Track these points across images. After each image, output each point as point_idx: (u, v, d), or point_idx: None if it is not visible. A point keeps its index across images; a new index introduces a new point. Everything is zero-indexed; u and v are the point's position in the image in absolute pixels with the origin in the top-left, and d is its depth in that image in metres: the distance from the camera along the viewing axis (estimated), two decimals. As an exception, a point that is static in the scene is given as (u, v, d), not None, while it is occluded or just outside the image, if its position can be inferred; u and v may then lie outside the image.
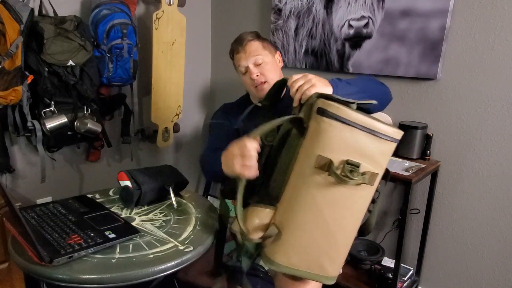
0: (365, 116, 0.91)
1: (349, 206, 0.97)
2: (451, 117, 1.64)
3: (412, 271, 1.79)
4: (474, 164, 1.62)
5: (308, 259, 1.00)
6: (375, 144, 0.92)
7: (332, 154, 0.92)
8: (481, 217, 1.63)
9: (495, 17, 1.49)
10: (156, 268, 0.98)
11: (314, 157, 0.93)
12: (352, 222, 1.01)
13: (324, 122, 0.92)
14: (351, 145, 0.92)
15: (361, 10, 1.76)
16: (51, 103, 1.63)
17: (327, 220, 0.97)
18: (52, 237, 1.04)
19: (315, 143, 0.94)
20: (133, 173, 1.31)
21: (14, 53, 1.45)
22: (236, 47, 1.45)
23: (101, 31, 1.70)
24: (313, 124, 0.95)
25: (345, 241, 1.02)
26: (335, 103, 0.91)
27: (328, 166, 0.92)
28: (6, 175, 1.72)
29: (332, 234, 0.99)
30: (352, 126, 0.90)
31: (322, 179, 0.94)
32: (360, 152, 0.92)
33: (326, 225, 0.98)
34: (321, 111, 0.92)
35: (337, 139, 0.92)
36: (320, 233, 0.98)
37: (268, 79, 1.43)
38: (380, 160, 0.94)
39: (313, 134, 0.95)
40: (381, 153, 0.94)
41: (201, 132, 2.57)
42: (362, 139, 0.91)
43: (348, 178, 0.91)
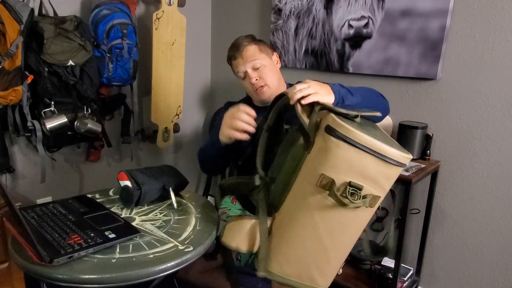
0: (375, 139, 0.88)
1: (346, 227, 0.97)
2: (451, 117, 1.64)
3: (412, 271, 1.79)
4: (474, 164, 1.62)
5: (300, 270, 1.01)
6: (381, 168, 0.90)
7: (336, 174, 0.90)
8: (481, 217, 1.63)
9: (495, 17, 1.49)
10: (156, 268, 0.98)
11: (317, 175, 0.92)
12: (347, 241, 1.01)
13: (331, 142, 0.89)
14: (356, 167, 0.90)
15: (361, 10, 1.76)
16: (51, 103, 1.63)
17: (322, 237, 0.97)
18: (52, 237, 1.04)
19: (319, 161, 0.92)
20: (133, 173, 1.31)
21: (14, 53, 1.45)
22: (233, 53, 1.46)
23: (101, 31, 1.70)
24: (319, 141, 0.93)
25: (338, 257, 1.03)
26: (345, 123, 0.89)
27: (330, 186, 0.90)
28: (6, 175, 1.72)
29: (325, 250, 0.99)
30: (360, 149, 0.88)
31: (322, 198, 0.93)
32: (365, 175, 0.90)
33: (321, 242, 0.97)
34: (330, 130, 0.90)
35: (342, 160, 0.89)
36: (313, 248, 0.99)
37: (268, 82, 1.44)
38: (385, 184, 0.93)
39: (319, 152, 0.93)
40: (386, 177, 0.92)
41: (201, 132, 2.57)
42: (368, 162, 0.89)
43: (348, 200, 0.89)
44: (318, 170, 0.92)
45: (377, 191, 0.92)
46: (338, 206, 0.92)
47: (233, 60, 1.47)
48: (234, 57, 1.46)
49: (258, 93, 1.45)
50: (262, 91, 1.44)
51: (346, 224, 0.96)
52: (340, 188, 0.90)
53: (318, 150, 0.93)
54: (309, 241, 0.98)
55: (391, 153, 0.89)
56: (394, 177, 0.93)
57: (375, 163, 0.89)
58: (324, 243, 0.98)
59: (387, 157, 0.89)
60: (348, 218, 0.95)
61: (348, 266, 1.84)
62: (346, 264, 1.84)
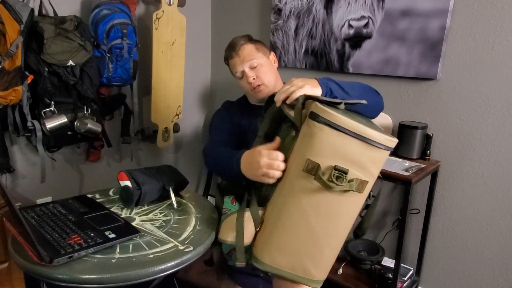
0: (357, 123, 0.89)
1: (335, 213, 0.96)
2: (451, 117, 1.64)
3: (412, 271, 1.79)
4: (474, 164, 1.62)
5: (292, 261, 1.00)
6: (365, 152, 0.91)
7: (321, 158, 0.91)
8: (481, 217, 1.63)
9: (495, 17, 1.49)
10: (156, 268, 0.98)
11: (303, 161, 0.93)
12: (338, 228, 1.00)
13: (315, 127, 0.91)
14: (341, 151, 0.90)
15: (361, 10, 1.76)
16: (51, 103, 1.63)
17: (312, 224, 0.97)
18: (52, 237, 1.04)
19: (305, 147, 0.94)
20: (133, 173, 1.31)
21: (14, 53, 1.45)
22: (230, 52, 1.47)
23: (101, 31, 1.70)
24: (305, 127, 0.95)
25: (331, 246, 1.01)
26: (328, 108, 0.90)
27: (315, 170, 0.91)
28: (6, 175, 1.72)
29: (317, 238, 0.98)
30: (343, 132, 0.89)
31: (308, 183, 0.93)
32: (350, 159, 0.91)
33: (311, 229, 0.97)
34: (313, 116, 0.92)
35: (327, 144, 0.90)
36: (304, 236, 0.98)
37: (265, 81, 1.44)
38: (371, 168, 0.93)
39: (304, 138, 0.95)
40: (372, 160, 0.92)
41: (201, 132, 2.57)
42: (352, 146, 0.90)
43: (334, 184, 0.90)
44: (304, 156, 0.93)
45: (365, 176, 0.93)
46: (325, 191, 0.92)
47: (230, 60, 1.48)
48: (231, 56, 1.47)
49: (256, 92, 1.46)
50: (259, 90, 1.45)
51: (336, 210, 0.96)
52: (326, 172, 0.91)
53: (303, 136, 0.95)
54: (299, 229, 0.98)
55: (374, 136, 0.90)
56: (380, 161, 0.94)
57: (359, 147, 0.90)
58: (315, 230, 0.97)
59: (371, 140, 0.90)
60: (337, 204, 0.95)
61: (348, 266, 1.84)
62: (346, 264, 1.84)
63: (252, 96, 1.51)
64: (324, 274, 1.04)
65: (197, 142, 2.56)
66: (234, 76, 1.52)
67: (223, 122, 1.55)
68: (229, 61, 1.49)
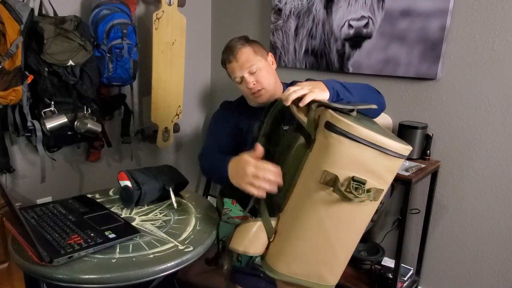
0: (374, 132, 0.89)
1: (352, 221, 0.97)
2: (451, 117, 1.64)
3: (412, 271, 1.79)
4: (474, 164, 1.62)
5: (308, 269, 1.01)
6: (382, 161, 0.91)
7: (338, 170, 0.90)
8: (481, 217, 1.63)
9: (495, 17, 1.49)
10: (156, 268, 0.98)
11: (320, 172, 0.92)
12: (353, 235, 1.01)
13: (332, 138, 0.90)
14: (358, 162, 0.90)
15: (361, 10, 1.76)
16: (51, 103, 1.63)
17: (328, 233, 0.97)
18: (52, 237, 1.04)
19: (321, 158, 0.92)
20: (133, 173, 1.31)
21: (14, 53, 1.45)
22: (228, 56, 1.44)
23: (101, 31, 1.70)
24: (320, 138, 0.93)
25: (345, 252, 1.03)
26: (343, 118, 0.89)
27: (333, 182, 0.91)
28: (6, 175, 1.72)
29: (332, 246, 0.99)
30: (361, 143, 0.88)
31: (326, 194, 0.93)
32: (367, 169, 0.91)
33: (328, 238, 0.98)
34: (329, 126, 0.90)
35: (344, 155, 0.90)
36: (321, 245, 0.99)
37: (265, 85, 1.42)
38: (387, 176, 0.93)
39: (320, 149, 0.93)
40: (388, 169, 0.92)
41: (201, 132, 2.57)
42: (369, 156, 0.90)
43: (352, 195, 0.90)
44: (320, 167, 0.92)
45: (380, 184, 0.93)
46: (342, 202, 0.92)
47: (228, 64, 1.45)
48: (228, 60, 1.44)
49: (256, 97, 1.44)
50: (259, 94, 1.43)
51: (352, 218, 0.96)
52: (344, 184, 0.91)
53: (319, 147, 0.93)
54: (316, 238, 0.98)
55: (391, 145, 0.89)
56: (396, 169, 0.94)
57: (376, 156, 0.90)
58: (331, 239, 0.98)
59: (388, 150, 0.89)
60: (353, 213, 0.95)
61: (348, 266, 1.82)
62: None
63: (252, 101, 1.49)
64: (338, 278, 1.06)
65: (197, 142, 2.56)
66: (232, 80, 1.50)
67: (220, 124, 1.54)
68: (227, 65, 1.46)
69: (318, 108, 1.00)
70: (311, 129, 0.96)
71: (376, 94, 1.34)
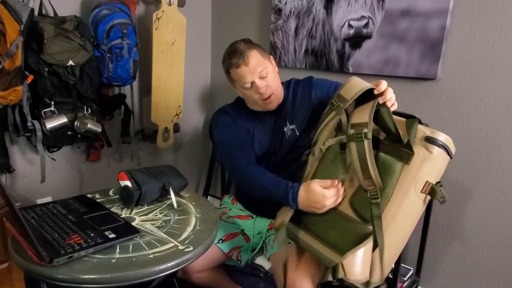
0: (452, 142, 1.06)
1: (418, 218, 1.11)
2: (451, 117, 1.64)
3: (412, 271, 1.79)
4: (474, 164, 1.62)
5: (389, 268, 1.10)
6: (446, 163, 1.08)
7: (434, 178, 1.04)
8: (481, 217, 1.63)
9: (495, 17, 1.49)
10: (156, 268, 0.98)
11: (421, 183, 1.03)
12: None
13: (436, 151, 1.03)
14: (442, 169, 1.06)
15: (361, 10, 1.76)
16: (51, 103, 1.63)
17: (410, 232, 1.09)
18: (52, 237, 1.04)
19: (424, 170, 1.03)
20: (133, 173, 1.31)
21: (14, 53, 1.45)
22: (236, 61, 1.34)
23: (101, 31, 1.70)
24: (421, 151, 1.03)
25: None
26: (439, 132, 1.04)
27: (432, 190, 1.03)
28: (6, 175, 1.72)
29: (406, 240, 1.11)
30: (448, 153, 1.05)
31: (422, 201, 1.05)
32: (441, 173, 1.07)
33: (408, 236, 1.10)
34: (432, 140, 1.03)
35: (440, 165, 1.05)
36: (403, 244, 1.10)
37: (274, 89, 1.39)
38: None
39: (422, 161, 1.03)
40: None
41: (201, 132, 2.57)
42: (446, 162, 1.07)
43: (445, 198, 1.03)
44: (423, 178, 1.03)
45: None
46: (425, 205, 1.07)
47: (236, 69, 1.35)
48: (236, 65, 1.34)
49: (266, 102, 1.39)
50: (271, 101, 1.39)
51: (420, 214, 1.10)
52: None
53: (421, 160, 1.03)
54: (404, 241, 1.09)
55: (454, 150, 1.07)
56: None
57: (447, 162, 1.07)
58: (409, 235, 1.10)
59: (453, 154, 1.07)
60: (423, 209, 1.09)
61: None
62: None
63: (260, 107, 1.44)
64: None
65: (197, 142, 2.56)
66: (237, 86, 1.42)
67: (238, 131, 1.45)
68: (234, 69, 1.36)
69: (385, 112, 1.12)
70: (413, 142, 1.05)
71: None
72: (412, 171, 1.03)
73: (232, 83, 1.45)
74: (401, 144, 1.04)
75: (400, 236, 1.06)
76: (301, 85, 1.51)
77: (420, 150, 1.03)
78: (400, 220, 1.03)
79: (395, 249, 1.07)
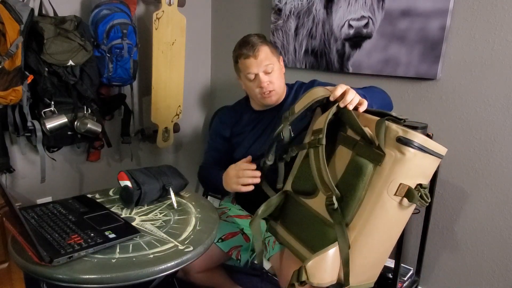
0: (434, 141, 0.98)
1: (406, 220, 1.05)
2: (451, 117, 1.64)
3: (412, 271, 1.79)
4: (474, 164, 1.62)
5: (371, 272, 1.06)
6: (435, 165, 1.00)
7: (411, 180, 0.97)
8: (481, 217, 1.63)
9: (495, 17, 1.49)
10: (156, 268, 0.98)
11: (395, 185, 0.97)
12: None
13: (409, 152, 0.95)
14: (425, 170, 0.99)
15: (361, 10, 1.76)
16: (51, 103, 1.63)
17: (393, 237, 1.05)
18: (52, 237, 1.04)
19: (397, 172, 0.97)
20: (133, 173, 1.31)
21: (14, 53, 1.45)
22: (246, 52, 1.39)
23: (101, 31, 1.70)
24: (392, 152, 0.97)
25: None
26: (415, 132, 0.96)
27: (409, 193, 0.97)
28: (6, 175, 1.72)
29: (391, 246, 1.07)
30: (430, 154, 0.97)
31: (398, 204, 0.99)
32: (427, 174, 1.00)
33: (391, 241, 1.05)
34: (404, 141, 0.95)
35: (417, 167, 0.97)
36: (386, 248, 1.06)
37: (276, 87, 1.42)
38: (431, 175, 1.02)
39: (394, 163, 0.97)
40: (434, 170, 1.01)
41: (201, 132, 2.57)
42: (432, 163, 0.99)
43: (424, 201, 0.97)
44: (396, 181, 0.97)
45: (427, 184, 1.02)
46: (409, 207, 1.01)
47: (244, 59, 1.40)
48: (245, 55, 1.39)
49: (265, 97, 1.43)
50: (269, 95, 1.42)
51: (407, 217, 1.05)
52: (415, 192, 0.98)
53: (393, 162, 0.97)
54: (384, 245, 1.04)
55: (443, 151, 1.00)
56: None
57: (434, 162, 1.00)
58: (393, 241, 1.06)
59: (442, 156, 1.00)
60: (409, 212, 1.03)
61: (348, 266, 1.83)
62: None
63: (259, 101, 1.47)
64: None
65: (197, 142, 2.56)
66: (240, 76, 1.47)
67: (214, 139, 1.62)
68: (242, 59, 1.41)
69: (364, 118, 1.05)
70: (382, 143, 0.99)
71: (387, 95, 1.43)
72: (384, 173, 0.97)
73: (238, 73, 1.49)
74: (374, 145, 0.99)
75: (379, 239, 1.01)
76: (304, 88, 1.53)
77: (392, 151, 0.97)
78: (374, 223, 0.99)
79: (373, 252, 1.02)
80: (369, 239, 1.00)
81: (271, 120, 1.50)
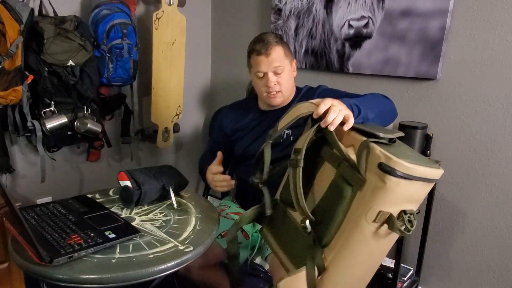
0: (423, 166, 0.89)
1: (392, 243, 1.02)
2: (451, 117, 1.64)
3: (412, 271, 1.79)
4: (474, 164, 1.62)
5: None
6: (426, 189, 0.93)
7: (392, 207, 0.91)
8: (481, 217, 1.63)
9: (495, 17, 1.49)
10: (156, 268, 0.98)
11: (373, 212, 0.91)
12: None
13: (390, 181, 0.87)
14: (410, 196, 0.91)
15: (361, 10, 1.76)
16: (51, 103, 1.63)
17: (375, 259, 1.03)
18: (52, 237, 1.04)
19: (376, 199, 0.90)
20: (133, 173, 1.31)
21: (14, 53, 1.45)
22: (259, 48, 1.39)
23: (101, 31, 1.70)
24: (373, 179, 0.90)
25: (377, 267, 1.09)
26: (399, 160, 0.87)
27: (389, 220, 0.91)
28: (6, 175, 1.72)
29: (375, 267, 1.05)
30: (415, 180, 0.89)
31: (379, 230, 0.94)
32: (415, 199, 0.93)
33: (374, 263, 1.04)
34: (386, 168, 0.87)
35: (400, 194, 0.90)
36: (368, 270, 1.04)
37: (283, 89, 1.42)
38: (423, 198, 0.95)
39: (374, 190, 0.90)
40: (426, 193, 0.95)
41: (201, 132, 2.57)
42: (418, 189, 0.91)
43: (408, 228, 0.91)
44: (375, 208, 0.91)
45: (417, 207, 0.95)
46: (391, 234, 0.95)
47: (256, 55, 1.40)
48: (258, 52, 1.39)
49: (270, 97, 1.43)
50: (275, 96, 1.42)
51: (393, 241, 1.01)
52: (398, 218, 0.92)
53: (373, 188, 0.90)
54: (364, 266, 1.02)
55: (435, 174, 0.91)
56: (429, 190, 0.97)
57: (424, 187, 0.92)
58: (375, 262, 1.04)
59: (433, 180, 0.92)
60: (395, 236, 0.98)
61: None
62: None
63: (264, 99, 1.48)
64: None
65: (197, 142, 2.56)
66: (250, 71, 1.47)
67: (218, 132, 1.64)
68: (254, 56, 1.41)
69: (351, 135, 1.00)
70: (363, 169, 0.92)
71: (388, 101, 1.35)
72: (365, 199, 0.92)
73: (249, 67, 1.49)
74: (356, 169, 0.94)
75: (358, 260, 0.98)
76: (310, 92, 1.52)
77: (373, 178, 0.90)
78: (352, 246, 0.96)
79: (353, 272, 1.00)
80: (348, 261, 0.97)
81: (274, 121, 1.49)
